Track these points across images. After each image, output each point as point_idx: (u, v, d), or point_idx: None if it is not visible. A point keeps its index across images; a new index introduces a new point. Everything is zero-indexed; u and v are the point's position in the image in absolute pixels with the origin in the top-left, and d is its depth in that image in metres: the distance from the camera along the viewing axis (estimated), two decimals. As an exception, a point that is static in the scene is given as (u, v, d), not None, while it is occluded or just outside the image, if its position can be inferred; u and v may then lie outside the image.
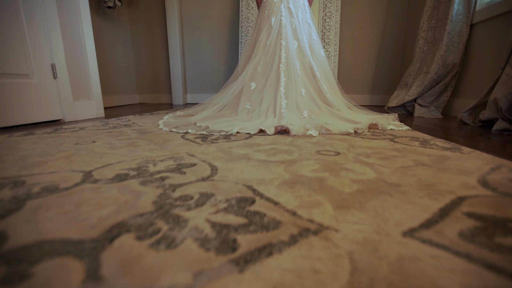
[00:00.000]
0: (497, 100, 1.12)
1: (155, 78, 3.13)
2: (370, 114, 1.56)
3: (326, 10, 2.50)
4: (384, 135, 1.00)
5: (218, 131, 1.06)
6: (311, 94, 1.50)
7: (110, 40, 2.73)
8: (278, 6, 1.60)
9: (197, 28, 2.90)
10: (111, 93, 2.76)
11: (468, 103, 1.63)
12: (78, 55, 1.57)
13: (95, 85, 1.69)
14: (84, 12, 1.58)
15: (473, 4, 1.58)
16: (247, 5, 2.60)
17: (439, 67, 1.67)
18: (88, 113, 1.63)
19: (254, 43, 1.67)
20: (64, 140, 0.89)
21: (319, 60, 1.61)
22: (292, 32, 1.58)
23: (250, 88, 1.51)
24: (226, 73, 2.94)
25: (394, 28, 2.58)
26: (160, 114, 1.80)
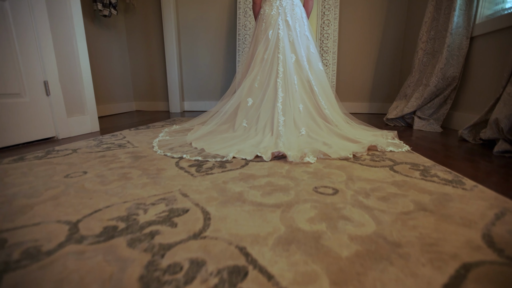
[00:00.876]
0: (499, 120, 1.10)
1: (152, 85, 3.10)
2: (369, 129, 1.54)
3: (324, 18, 2.48)
4: (384, 159, 0.98)
5: (213, 155, 1.04)
6: (309, 109, 1.48)
7: (106, 47, 2.70)
8: (275, 19, 1.58)
9: (194, 35, 2.87)
10: (107, 102, 2.73)
11: (468, 116, 1.61)
12: (72, 70, 1.54)
13: (90, 99, 1.66)
14: (78, 26, 1.55)
15: (473, 17, 1.56)
16: (245, 12, 2.58)
17: (439, 80, 1.65)
18: (83, 128, 1.60)
19: (252, 57, 1.64)
20: (55, 169, 0.86)
21: (317, 73, 1.58)
22: (290, 45, 1.56)
23: (247, 104, 1.49)
24: (223, 80, 2.92)
25: (392, 36, 2.56)
26: (156, 127, 1.77)
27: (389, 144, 1.19)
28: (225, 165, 0.91)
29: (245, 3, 2.57)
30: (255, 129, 1.40)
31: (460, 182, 0.74)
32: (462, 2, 1.56)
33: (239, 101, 1.51)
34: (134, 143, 1.27)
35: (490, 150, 1.16)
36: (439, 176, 0.78)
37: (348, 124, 1.56)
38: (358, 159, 0.98)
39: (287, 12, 1.58)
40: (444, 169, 0.86)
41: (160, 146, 1.19)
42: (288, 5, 1.59)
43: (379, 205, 0.60)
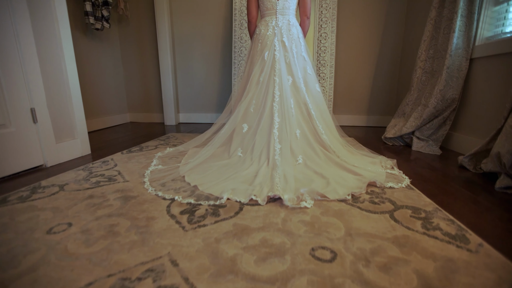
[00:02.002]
0: (501, 155, 1.08)
1: (146, 96, 3.04)
2: (367, 155, 1.50)
3: (321, 31, 2.44)
4: (383, 200, 0.94)
5: (206, 194, 1.00)
6: (306, 135, 1.44)
7: (99, 60, 2.64)
8: (271, 40, 1.53)
9: (189, 47, 2.82)
10: (101, 115, 2.67)
11: (467, 139, 1.59)
12: (61, 94, 1.49)
13: (80, 122, 1.61)
14: (66, 47, 1.49)
15: (472, 38, 1.53)
16: (240, 25, 2.53)
17: (438, 102, 1.62)
18: (73, 152, 1.55)
19: (247, 78, 1.60)
20: (38, 219, 0.81)
21: (314, 96, 1.55)
22: (286, 67, 1.52)
23: (242, 130, 1.45)
24: (219, 93, 2.87)
25: (390, 50, 2.53)
26: (150, 149, 1.72)
27: (388, 178, 1.16)
28: (219, 211, 0.87)
29: (241, 15, 2.52)
30: (250, 157, 1.36)
31: (464, 239, 0.70)
32: (462, 23, 1.53)
33: (233, 127, 1.47)
34: (125, 175, 1.22)
35: (491, 183, 1.13)
36: (441, 229, 0.75)
37: (346, 149, 1.52)
38: (356, 200, 0.95)
39: (283, 32, 1.54)
40: (446, 216, 0.83)
41: (151, 181, 1.14)
42: (285, 25, 1.55)
43: (380, 278, 0.56)
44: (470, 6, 1.50)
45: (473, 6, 1.49)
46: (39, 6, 1.35)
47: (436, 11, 1.71)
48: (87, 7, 2.21)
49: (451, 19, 1.59)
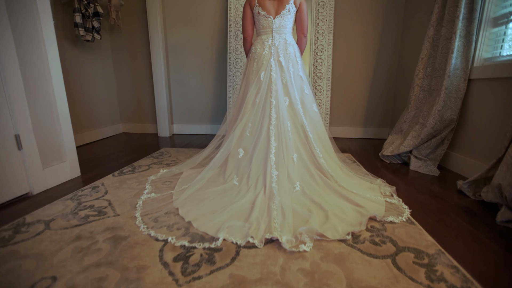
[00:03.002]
0: (502, 187, 1.06)
1: (139, 107, 2.97)
2: (364, 179, 1.47)
3: (318, 43, 2.40)
4: (384, 240, 0.91)
5: (201, 234, 0.95)
6: (303, 159, 1.40)
7: (90, 70, 2.57)
8: (267, 60, 1.49)
9: (183, 57, 2.76)
10: (92, 127, 2.60)
11: (465, 159, 1.57)
12: (48, 116, 1.43)
13: (69, 144, 1.54)
14: (54, 67, 1.43)
15: (471, 59, 1.51)
16: (236, 36, 2.48)
17: (436, 122, 1.60)
18: (61, 176, 1.49)
19: (243, 98, 1.55)
20: (20, 270, 0.76)
21: (312, 117, 1.51)
22: (283, 87, 1.48)
23: (238, 155, 1.40)
24: (214, 104, 2.82)
25: (386, 62, 2.52)
26: (142, 169, 1.66)
27: (388, 209, 1.13)
28: (214, 257, 0.82)
29: (236, 26, 2.47)
30: (246, 184, 1.32)
31: (470, 293, 0.67)
32: (460, 44, 1.51)
33: (228, 152, 1.42)
34: (116, 206, 1.17)
35: (492, 214, 1.11)
36: (446, 281, 0.72)
37: (344, 171, 1.49)
38: (357, 240, 0.91)
39: (279, 52, 1.50)
40: (449, 262, 0.80)
41: (144, 215, 1.09)
42: (281, 44, 1.51)
43: None
44: (469, 27, 1.49)
45: (472, 27, 1.47)
46: (24, 28, 1.29)
47: (434, 29, 1.69)
48: (76, 19, 2.14)
49: (449, 39, 1.58)
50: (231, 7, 2.46)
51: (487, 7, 1.45)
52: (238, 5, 2.46)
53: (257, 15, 1.52)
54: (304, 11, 1.53)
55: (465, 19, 1.49)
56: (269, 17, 1.49)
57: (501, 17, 1.42)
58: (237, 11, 2.47)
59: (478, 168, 1.47)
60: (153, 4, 2.56)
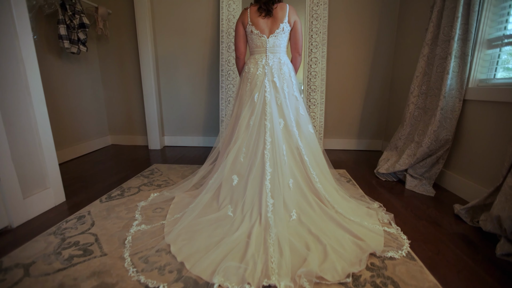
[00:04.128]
0: (502, 220, 1.04)
1: (129, 118, 2.88)
2: (361, 202, 1.44)
3: (311, 55, 2.37)
4: (386, 283, 0.88)
5: (195, 277, 0.90)
6: (299, 185, 1.36)
7: (76, 82, 2.46)
8: (261, 80, 1.45)
9: (174, 67, 2.69)
10: (79, 141, 2.50)
11: (459, 179, 1.57)
12: (28, 142, 1.34)
13: (53, 169, 1.46)
14: (35, 90, 1.35)
15: (466, 79, 1.50)
16: (228, 47, 2.42)
17: (432, 142, 1.59)
18: (45, 204, 1.40)
19: (236, 119, 1.50)
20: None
21: (307, 138, 1.47)
22: (278, 109, 1.44)
23: (232, 182, 1.35)
24: (206, 116, 2.75)
25: (380, 74, 2.51)
26: (132, 191, 1.59)
27: (387, 240, 1.10)
28: (208, 309, 0.77)
29: (229, 37, 2.42)
30: (241, 213, 1.27)
31: None
32: (455, 64, 1.50)
33: (221, 179, 1.37)
34: (103, 242, 1.10)
35: (491, 244, 1.10)
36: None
37: (340, 194, 1.46)
38: (357, 283, 0.88)
39: (274, 72, 1.45)
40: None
41: (133, 254, 1.02)
42: (275, 64, 1.47)
43: None
44: (464, 48, 1.48)
45: (467, 48, 1.46)
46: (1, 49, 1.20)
47: (429, 48, 1.68)
48: (61, 31, 2.04)
49: (444, 58, 1.57)
50: (223, 17, 2.40)
51: (482, 28, 1.44)
52: (230, 16, 2.40)
53: (250, 34, 1.47)
54: (299, 29, 1.49)
55: (460, 40, 1.48)
56: (263, 36, 1.45)
57: (495, 39, 1.42)
58: (229, 21, 2.41)
59: (473, 189, 1.47)
60: (142, 13, 2.48)
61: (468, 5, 1.44)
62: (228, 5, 2.39)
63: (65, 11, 2.06)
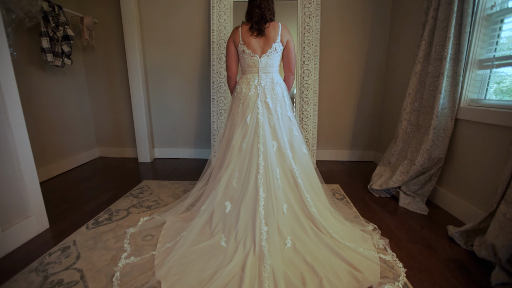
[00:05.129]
0: (496, 249, 1.04)
1: (117, 130, 2.80)
2: (356, 225, 1.43)
3: (304, 67, 2.35)
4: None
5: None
6: (294, 209, 1.34)
7: (61, 94, 2.37)
8: (253, 101, 1.41)
9: (164, 78, 2.62)
10: (65, 155, 2.41)
11: (451, 198, 1.57)
12: (7, 169, 1.26)
13: (35, 196, 1.39)
14: (14, 111, 1.27)
15: (458, 99, 1.51)
16: (219, 59, 2.38)
17: (425, 160, 1.59)
18: (27, 234, 1.33)
19: (228, 142, 1.46)
20: None
21: (301, 160, 1.45)
22: (271, 131, 1.41)
23: (224, 210, 1.31)
24: (197, 127, 2.70)
25: (372, 86, 2.52)
26: (120, 214, 1.53)
27: (383, 269, 1.09)
28: None
29: (220, 48, 2.37)
30: (234, 240, 1.23)
31: None
32: (447, 84, 1.51)
33: (214, 207, 1.33)
34: (89, 281, 1.04)
35: (486, 271, 1.10)
36: None
37: (335, 217, 1.44)
38: (356, 323, 0.86)
39: (266, 92, 1.42)
40: None
41: (120, 293, 0.98)
42: (268, 84, 1.43)
43: None
44: (456, 68, 1.48)
45: (459, 68, 1.47)
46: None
47: (421, 65, 1.68)
48: (43, 43, 1.95)
49: (436, 77, 1.57)
50: (214, 28, 2.35)
51: (473, 49, 1.45)
52: (221, 27, 2.36)
53: (242, 53, 1.43)
54: (292, 48, 1.46)
55: (452, 59, 1.48)
56: (255, 56, 1.41)
57: (486, 60, 1.42)
58: (220, 33, 2.36)
59: (465, 208, 1.47)
60: (129, 23, 2.40)
61: (459, 26, 1.44)
62: (219, 16, 2.34)
63: (48, 22, 1.97)
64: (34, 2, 1.76)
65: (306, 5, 2.29)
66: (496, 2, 1.36)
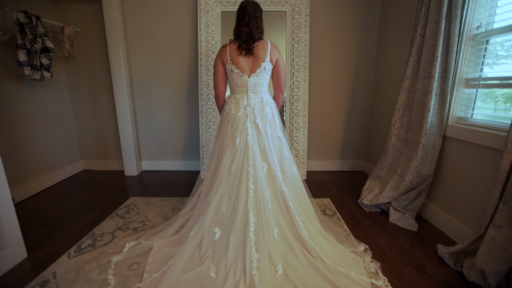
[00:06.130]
0: (485, 274, 1.04)
1: (102, 142, 2.70)
2: (347, 246, 1.41)
3: (293, 79, 2.33)
4: None
5: None
6: (284, 234, 1.31)
7: (41, 107, 2.27)
8: (243, 122, 1.38)
9: (151, 89, 2.55)
10: (47, 170, 2.32)
11: (440, 213, 1.58)
12: (-20, 200, 1.18)
13: (10, 226, 1.31)
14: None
15: (445, 116, 1.52)
16: (207, 70, 2.33)
17: (414, 177, 1.60)
18: (2, 267, 1.25)
19: (217, 163, 1.43)
20: None
21: (291, 181, 1.42)
22: (261, 152, 1.38)
23: (214, 236, 1.27)
24: (185, 139, 2.64)
25: (362, 97, 2.53)
26: (105, 243, 1.46)
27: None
28: None
29: (208, 60, 2.32)
30: (224, 268, 1.19)
31: None
32: (436, 102, 1.52)
33: (203, 233, 1.28)
34: (69, 321, 0.98)
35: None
36: None
37: (326, 239, 1.42)
38: None
39: (256, 113, 1.39)
40: None
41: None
42: (257, 104, 1.40)
43: None
44: (443, 86, 1.49)
45: (446, 86, 1.48)
46: None
47: (409, 81, 1.68)
48: (20, 57, 1.85)
49: (425, 94, 1.57)
50: (201, 39, 2.30)
51: (460, 68, 1.46)
52: (209, 38, 2.30)
53: (230, 73, 1.39)
54: (281, 67, 1.44)
55: (440, 77, 1.49)
56: (244, 75, 1.38)
57: (473, 79, 1.44)
58: (207, 43, 2.31)
59: (454, 226, 1.49)
60: (113, 32, 2.32)
61: (447, 45, 1.45)
62: (206, 27, 2.29)
63: (25, 34, 1.87)
64: (9, 14, 1.66)
65: (295, 16, 2.27)
66: (481, 23, 1.38)
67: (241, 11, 1.36)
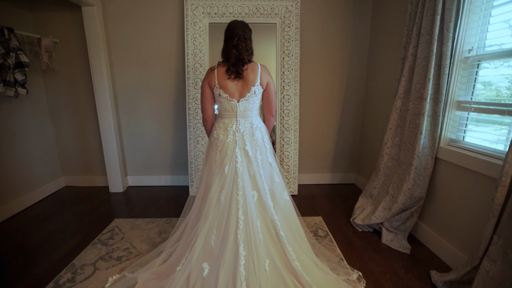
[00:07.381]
0: (480, 311, 1.02)
1: (84, 157, 2.58)
2: (341, 273, 1.38)
3: (284, 93, 2.29)
4: None
5: None
6: (276, 265, 1.26)
7: (18, 123, 2.14)
8: (231, 149, 1.31)
9: (136, 102, 2.45)
10: (25, 189, 2.19)
11: (432, 235, 1.57)
12: None
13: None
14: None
15: (437, 138, 1.50)
16: (195, 84, 2.25)
17: (406, 199, 1.58)
18: (-30, 312, 1.15)
19: (205, 192, 1.36)
20: None
21: (282, 208, 1.37)
22: (251, 180, 1.32)
23: (202, 273, 1.21)
24: (173, 153, 2.56)
25: (352, 110, 2.51)
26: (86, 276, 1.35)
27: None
28: None
29: (195, 73, 2.24)
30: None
31: None
32: (428, 123, 1.50)
33: (190, 269, 1.22)
34: None
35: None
36: None
37: (318, 267, 1.37)
38: None
39: (245, 139, 1.33)
40: None
41: None
42: (247, 129, 1.34)
43: None
44: (435, 107, 1.47)
45: (438, 108, 1.46)
46: None
47: (401, 101, 1.66)
48: (-9, 73, 1.72)
49: (417, 114, 1.55)
50: (188, 51, 2.22)
51: (452, 90, 1.45)
52: (197, 50, 2.22)
53: (218, 97, 1.33)
54: (272, 91, 1.38)
55: (432, 99, 1.47)
56: (233, 100, 1.31)
57: (464, 102, 1.42)
58: (195, 56, 2.23)
59: (446, 249, 1.48)
60: (94, 43, 2.20)
61: (439, 67, 1.43)
62: (193, 39, 2.21)
63: (-3, 49, 1.74)
64: (-22, 29, 1.53)
65: (285, 29, 2.22)
66: (473, 46, 1.36)
67: (229, 32, 1.30)
